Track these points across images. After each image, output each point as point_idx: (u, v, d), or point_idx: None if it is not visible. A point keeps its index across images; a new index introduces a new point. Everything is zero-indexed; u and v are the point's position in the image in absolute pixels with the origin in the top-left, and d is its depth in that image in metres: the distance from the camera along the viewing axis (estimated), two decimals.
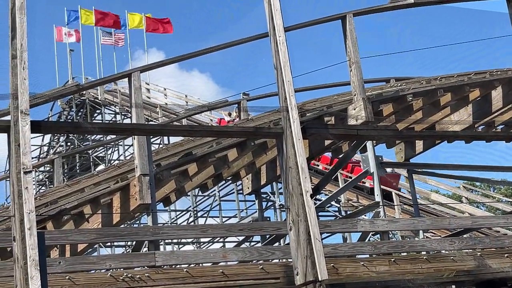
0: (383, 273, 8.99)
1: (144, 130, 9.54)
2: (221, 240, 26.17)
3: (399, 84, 15.90)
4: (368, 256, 9.75)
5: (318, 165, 28.24)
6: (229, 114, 31.68)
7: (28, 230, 6.33)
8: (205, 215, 29.55)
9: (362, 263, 9.06)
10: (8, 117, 8.31)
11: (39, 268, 6.25)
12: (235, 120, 32.40)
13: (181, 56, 12.07)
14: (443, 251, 10.45)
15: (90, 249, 16.12)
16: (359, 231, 11.29)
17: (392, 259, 9.24)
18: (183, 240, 26.37)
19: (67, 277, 7.60)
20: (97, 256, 10.63)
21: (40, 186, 33.56)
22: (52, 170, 30.21)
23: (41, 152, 38.33)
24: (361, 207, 17.12)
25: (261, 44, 10.32)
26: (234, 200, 27.94)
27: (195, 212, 29.43)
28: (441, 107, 15.32)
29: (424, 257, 9.55)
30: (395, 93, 14.24)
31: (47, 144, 38.78)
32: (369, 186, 27.01)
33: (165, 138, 29.84)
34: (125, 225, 13.56)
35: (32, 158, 6.81)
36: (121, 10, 42.56)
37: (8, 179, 24.25)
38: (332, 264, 8.60)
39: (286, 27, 8.48)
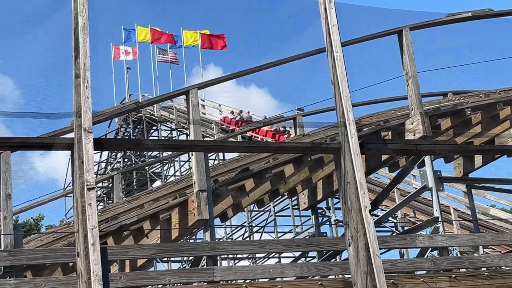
0: None
1: (203, 147, 9.64)
2: (277, 255, 26.15)
3: (457, 98, 15.71)
4: (427, 272, 9.64)
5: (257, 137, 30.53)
6: (232, 113, 36.44)
7: (92, 246, 6.45)
8: (261, 230, 29.58)
9: (422, 279, 8.97)
10: (70, 135, 8.51)
11: (102, 283, 6.36)
12: (236, 118, 35.47)
13: (238, 73, 12.17)
14: (504, 267, 10.26)
15: (149, 264, 16.28)
16: (418, 246, 11.16)
17: (453, 275, 9.13)
18: (238, 255, 26.42)
19: None
20: (156, 271, 10.74)
21: (99, 202, 34.09)
22: (110, 186, 30.69)
23: (99, 168, 38.95)
24: (419, 223, 16.92)
25: (319, 59, 10.35)
26: (289, 215, 27.91)
27: (250, 227, 29.48)
28: (500, 120, 15.07)
29: (486, 273, 9.41)
30: (453, 107, 14.07)
31: (105, 161, 39.38)
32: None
33: (221, 154, 30.04)
34: (183, 240, 13.67)
35: None
36: (177, 28, 43.03)
37: (68, 195, 24.72)
38: (391, 280, 8.54)
39: (342, 42, 8.48)
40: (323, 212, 24.76)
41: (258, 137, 32.64)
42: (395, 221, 24.16)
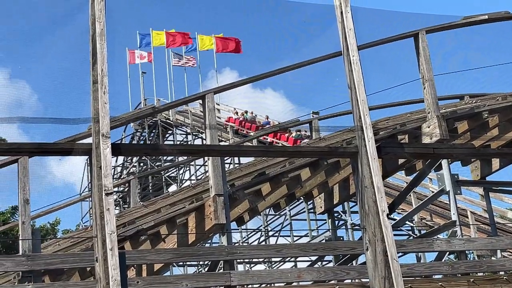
0: None
1: (220, 151, 9.64)
2: (292, 259, 26.12)
3: (473, 101, 15.64)
4: (445, 276, 9.59)
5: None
6: (236, 113, 37.45)
7: (110, 251, 6.47)
8: (276, 234, 29.56)
9: (440, 283, 8.93)
10: (87, 140, 8.54)
11: None
12: (240, 118, 36.55)
13: (254, 77, 12.17)
14: None
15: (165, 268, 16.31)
16: (435, 250, 11.11)
17: (471, 280, 9.07)
18: (254, 259, 26.41)
19: None
20: (173, 275, 10.76)
21: (115, 207, 34.08)
22: (125, 190, 30.79)
23: (115, 173, 39.07)
24: (436, 226, 16.85)
25: (335, 62, 10.34)
26: (305, 219, 27.87)
27: (266, 231, 29.47)
28: None
29: (504, 277, 9.34)
30: (470, 110, 14.00)
31: (121, 165, 39.50)
32: None
33: (236, 158, 30.08)
34: (199, 245, 13.71)
35: None
36: (192, 32, 43.09)
37: (85, 200, 24.82)
38: (409, 285, 8.50)
39: (358, 45, 8.46)
40: (339, 216, 24.71)
41: (261, 137, 33.43)
42: (412, 224, 24.06)
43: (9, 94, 8.79)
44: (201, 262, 25.66)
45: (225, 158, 29.16)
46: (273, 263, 27.52)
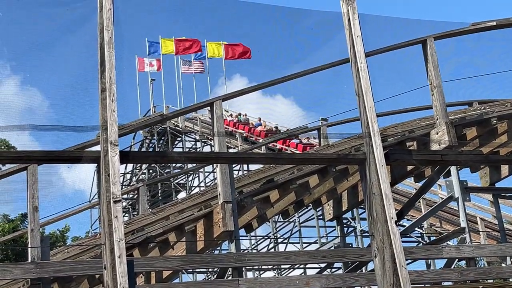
0: None
1: (228, 158, 9.63)
2: (302, 266, 26.09)
3: (482, 107, 15.59)
4: (454, 283, 9.57)
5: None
6: (231, 115, 37.95)
7: (118, 258, 6.48)
8: (285, 241, 29.55)
9: None
10: (96, 147, 8.58)
11: None
12: (234, 120, 37.07)
13: (262, 84, 12.20)
14: None
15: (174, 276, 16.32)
16: (444, 257, 11.09)
17: (480, 287, 9.04)
18: (263, 266, 26.40)
19: None
20: (182, 283, 10.78)
21: (124, 214, 34.19)
22: (134, 197, 30.85)
23: (124, 180, 39.14)
24: (445, 233, 16.81)
25: (343, 69, 10.35)
26: (314, 226, 27.85)
27: (275, 238, 29.47)
28: None
29: None
30: (478, 116, 13.96)
31: (130, 172, 39.56)
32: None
33: (245, 165, 30.16)
34: (208, 252, 13.71)
35: None
36: (201, 39, 43.18)
37: (94, 207, 24.86)
38: None
39: (366, 52, 8.46)
40: (348, 223, 24.66)
41: (253, 137, 34.05)
42: (421, 231, 24.00)
43: (21, 102, 8.85)
44: (210, 269, 25.67)
45: (234, 165, 29.28)
46: (282, 270, 27.50)
